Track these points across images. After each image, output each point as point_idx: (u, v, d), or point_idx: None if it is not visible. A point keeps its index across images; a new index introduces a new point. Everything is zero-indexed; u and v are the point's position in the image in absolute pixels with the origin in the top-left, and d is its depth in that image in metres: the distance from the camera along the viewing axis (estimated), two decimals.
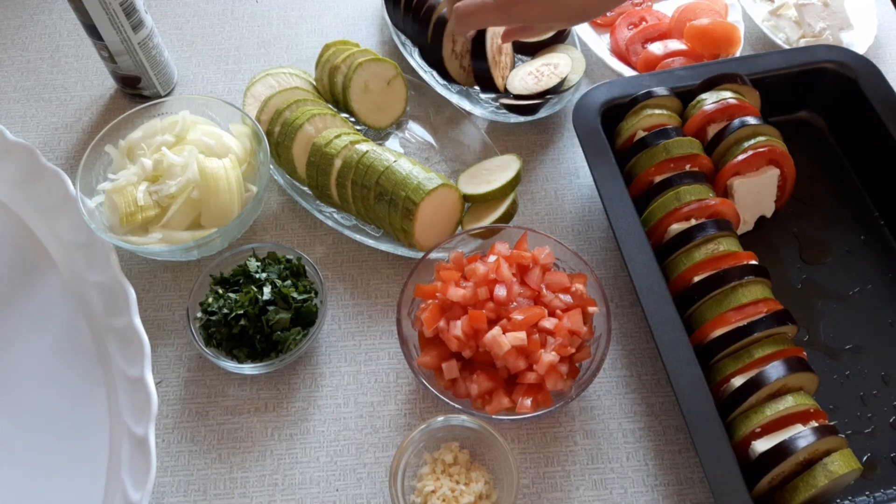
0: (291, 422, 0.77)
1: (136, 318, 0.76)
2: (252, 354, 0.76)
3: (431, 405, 0.78)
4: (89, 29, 0.89)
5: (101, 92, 1.01)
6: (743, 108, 0.85)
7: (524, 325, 0.72)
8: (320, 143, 0.85)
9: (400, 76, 0.93)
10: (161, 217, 0.82)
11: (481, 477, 0.70)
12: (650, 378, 0.80)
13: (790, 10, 1.03)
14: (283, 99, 0.89)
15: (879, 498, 0.72)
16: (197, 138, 0.85)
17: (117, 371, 0.76)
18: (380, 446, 0.76)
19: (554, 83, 0.92)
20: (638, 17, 1.05)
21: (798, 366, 0.70)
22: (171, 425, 0.77)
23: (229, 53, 1.05)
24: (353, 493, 0.74)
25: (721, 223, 0.78)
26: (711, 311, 0.75)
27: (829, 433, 0.67)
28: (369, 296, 0.85)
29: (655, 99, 0.87)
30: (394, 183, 0.81)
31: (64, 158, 0.95)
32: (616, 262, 0.87)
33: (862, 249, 0.87)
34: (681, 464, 0.75)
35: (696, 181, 0.81)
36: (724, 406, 0.71)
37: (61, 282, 0.83)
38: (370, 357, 0.81)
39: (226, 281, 0.79)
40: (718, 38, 0.99)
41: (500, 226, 0.82)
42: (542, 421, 0.77)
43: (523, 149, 0.96)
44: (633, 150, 0.85)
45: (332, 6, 1.11)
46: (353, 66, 0.90)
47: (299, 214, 0.91)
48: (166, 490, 0.74)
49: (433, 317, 0.75)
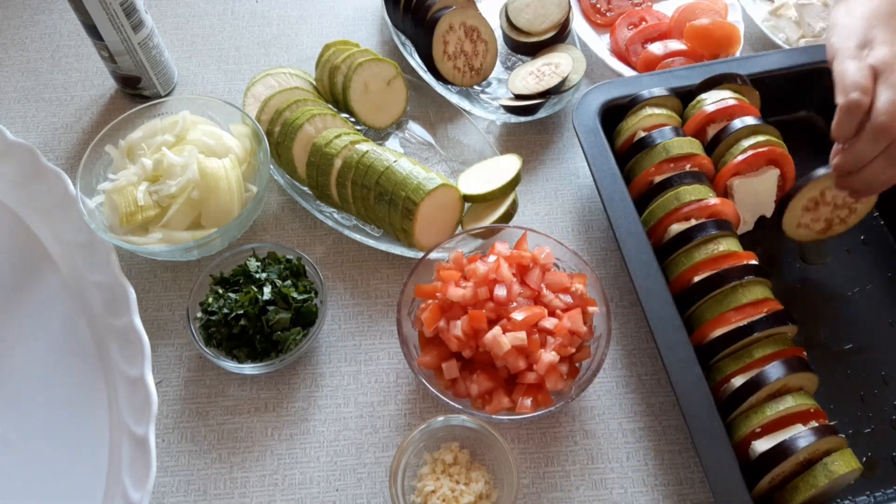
0: (291, 422, 0.77)
1: (136, 318, 0.76)
2: (252, 354, 0.76)
3: (431, 405, 0.78)
4: (89, 29, 0.89)
5: (101, 92, 1.01)
6: (743, 108, 0.85)
7: (524, 325, 0.72)
8: (320, 143, 0.85)
9: (400, 76, 0.93)
10: (161, 217, 0.82)
11: (481, 477, 0.70)
12: (650, 378, 0.80)
13: (790, 10, 1.03)
14: (283, 99, 0.89)
15: (880, 498, 0.72)
16: (197, 138, 0.85)
17: (117, 371, 0.76)
18: (380, 446, 0.76)
19: (555, 83, 0.92)
20: (638, 17, 1.05)
21: (798, 366, 0.70)
22: (171, 425, 0.77)
23: (229, 53, 1.05)
24: (353, 493, 0.74)
25: (721, 223, 0.78)
26: (711, 311, 0.75)
27: (829, 433, 0.67)
28: (369, 296, 0.85)
29: (655, 99, 0.87)
30: (394, 183, 0.81)
31: (64, 158, 0.95)
32: (616, 262, 0.87)
33: (862, 249, 0.87)
34: (681, 464, 0.75)
35: (696, 181, 0.81)
36: (724, 406, 0.71)
37: (61, 282, 0.83)
38: (370, 357, 0.81)
39: (226, 281, 0.79)
40: (718, 38, 0.99)
41: (500, 226, 0.82)
42: (542, 421, 0.77)
43: (523, 149, 0.96)
44: (633, 150, 0.85)
45: (332, 6, 1.11)
46: (353, 66, 0.90)
47: (299, 214, 0.91)
48: (166, 490, 0.74)
49: (433, 317, 0.75)
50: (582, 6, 1.09)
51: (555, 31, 0.98)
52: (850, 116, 0.71)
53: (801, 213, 0.82)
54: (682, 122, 0.88)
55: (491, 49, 0.98)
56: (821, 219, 0.83)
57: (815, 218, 0.83)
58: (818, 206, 0.82)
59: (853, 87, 0.70)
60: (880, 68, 0.70)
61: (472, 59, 0.97)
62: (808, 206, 0.82)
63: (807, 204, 0.82)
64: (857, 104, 0.70)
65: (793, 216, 0.82)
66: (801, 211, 0.82)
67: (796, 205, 0.81)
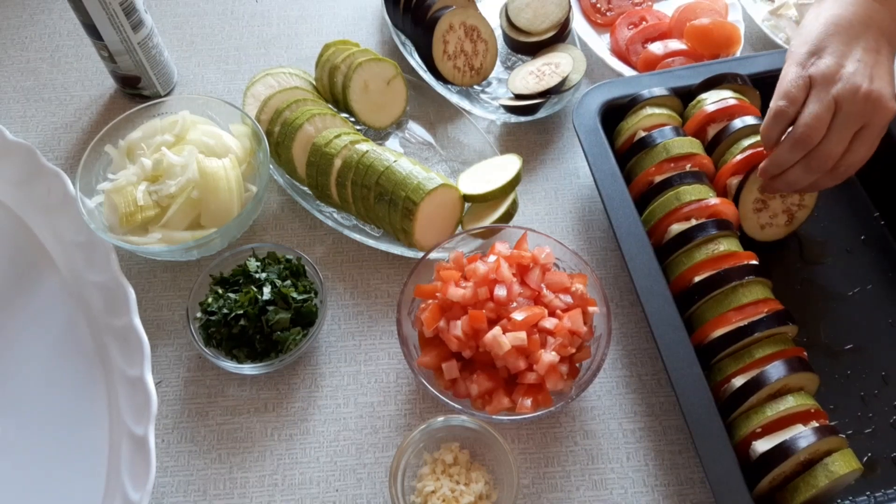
0: (291, 422, 0.77)
1: (136, 318, 0.76)
2: (252, 354, 0.76)
3: (431, 405, 0.78)
4: (89, 29, 0.89)
5: (100, 92, 1.01)
6: (743, 108, 0.85)
7: (524, 325, 0.72)
8: (320, 143, 0.85)
9: (400, 76, 0.93)
10: (161, 217, 0.82)
11: (481, 477, 0.70)
12: (650, 378, 0.80)
13: (790, 10, 1.03)
14: (282, 99, 0.89)
15: (880, 498, 0.72)
16: (197, 138, 0.85)
17: (117, 371, 0.76)
18: (380, 446, 0.76)
19: (555, 82, 0.92)
20: (638, 16, 1.05)
21: (799, 366, 0.70)
22: (171, 425, 0.77)
23: (229, 53, 1.05)
24: (352, 493, 0.74)
25: (721, 223, 0.78)
26: (712, 311, 0.75)
27: (829, 433, 0.67)
28: (369, 296, 0.85)
29: (655, 99, 0.87)
30: (394, 183, 0.81)
31: (64, 158, 0.95)
32: (616, 262, 0.87)
33: (862, 249, 0.87)
34: (681, 464, 0.75)
35: (697, 181, 0.81)
36: (724, 406, 0.71)
37: (61, 282, 0.83)
38: (370, 357, 0.81)
39: (226, 281, 0.79)
40: (718, 38, 0.99)
41: (500, 226, 0.82)
42: (542, 421, 0.77)
43: (523, 149, 0.96)
44: (634, 150, 0.85)
45: (332, 6, 1.11)
46: (352, 65, 0.90)
47: (299, 214, 0.91)
48: (166, 490, 0.74)
49: (433, 317, 0.75)
50: (582, 6, 1.09)
51: (555, 30, 0.98)
52: (775, 123, 0.73)
53: (756, 215, 0.83)
54: (682, 122, 0.88)
55: (491, 49, 0.98)
56: (777, 213, 0.84)
57: (772, 214, 0.84)
58: (766, 204, 0.83)
59: (783, 96, 0.73)
60: (818, 80, 0.71)
61: (472, 59, 0.97)
62: (758, 206, 0.83)
63: (755, 206, 0.83)
64: (782, 112, 0.73)
65: (751, 222, 0.84)
66: (753, 213, 0.83)
67: (745, 209, 0.83)
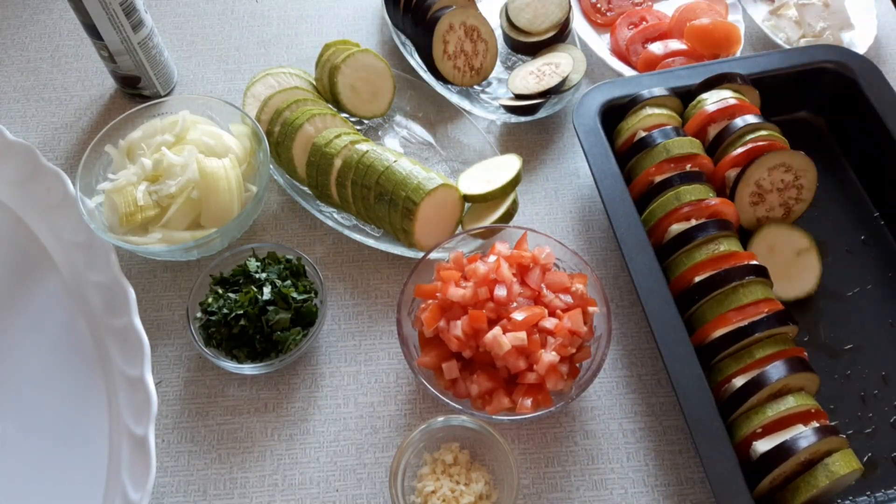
0: (291, 422, 0.77)
1: (136, 318, 0.76)
2: (252, 354, 0.76)
3: (431, 405, 0.78)
4: (89, 29, 0.89)
5: (101, 92, 1.01)
6: (743, 107, 0.85)
7: (524, 325, 0.72)
8: (320, 143, 0.85)
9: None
10: (161, 217, 0.82)
11: (481, 477, 0.70)
12: (650, 378, 0.80)
13: (790, 10, 1.03)
14: (283, 99, 0.89)
15: (880, 498, 0.72)
16: (197, 138, 0.85)
17: (117, 371, 0.76)
18: (380, 446, 0.76)
19: (555, 82, 0.92)
20: (638, 17, 1.05)
21: (799, 366, 0.70)
22: (171, 425, 0.77)
23: (229, 53, 1.05)
24: (353, 493, 0.74)
25: (721, 223, 0.78)
26: (712, 311, 0.75)
27: (830, 433, 0.67)
28: (369, 296, 0.85)
29: (656, 99, 0.87)
30: (394, 183, 0.81)
31: (64, 158, 0.95)
32: (616, 262, 0.87)
33: (862, 249, 0.87)
34: (681, 464, 0.75)
35: (697, 181, 0.81)
36: (725, 406, 0.71)
37: (61, 282, 0.83)
38: (370, 357, 0.81)
39: (226, 281, 0.79)
40: (718, 38, 0.99)
41: (500, 226, 0.82)
42: (542, 421, 0.77)
43: (523, 149, 0.96)
44: (634, 150, 0.85)
45: (332, 6, 1.11)
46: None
47: (299, 214, 0.91)
48: (166, 490, 0.74)
49: (433, 317, 0.75)
50: (582, 6, 1.09)
51: (555, 30, 0.98)
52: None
53: (752, 208, 0.83)
54: (682, 122, 0.88)
55: (491, 49, 0.98)
56: (774, 206, 0.84)
57: (769, 208, 0.84)
58: (763, 197, 0.83)
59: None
60: None
61: (472, 59, 0.97)
62: (754, 200, 0.83)
63: (751, 199, 0.83)
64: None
65: (747, 215, 0.84)
66: (750, 206, 0.83)
67: (742, 203, 0.82)
